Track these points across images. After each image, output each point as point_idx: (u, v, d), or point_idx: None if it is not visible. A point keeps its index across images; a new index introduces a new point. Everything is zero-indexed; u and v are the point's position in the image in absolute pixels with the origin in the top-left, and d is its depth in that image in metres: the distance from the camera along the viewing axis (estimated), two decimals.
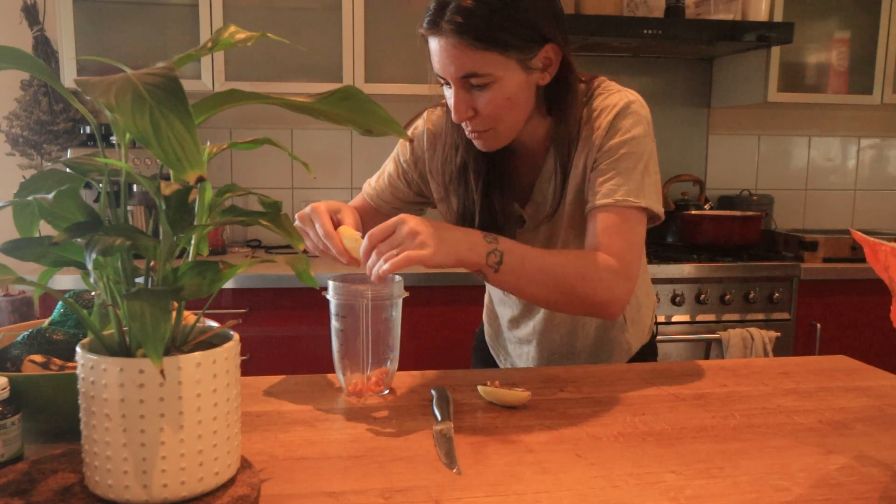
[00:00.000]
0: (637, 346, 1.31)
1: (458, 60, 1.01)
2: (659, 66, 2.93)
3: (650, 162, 1.09)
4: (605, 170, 1.08)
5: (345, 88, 0.69)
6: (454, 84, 1.04)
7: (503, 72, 1.02)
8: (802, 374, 1.12)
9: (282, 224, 0.72)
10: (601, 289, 1.03)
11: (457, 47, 1.00)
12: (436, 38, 1.02)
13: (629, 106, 1.09)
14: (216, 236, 2.54)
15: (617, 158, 1.07)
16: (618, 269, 1.03)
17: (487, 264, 0.98)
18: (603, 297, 1.03)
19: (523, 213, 1.19)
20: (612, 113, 1.09)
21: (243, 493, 0.67)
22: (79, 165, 0.65)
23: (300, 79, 2.45)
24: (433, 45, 1.03)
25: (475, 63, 1.00)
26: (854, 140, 3.13)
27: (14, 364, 0.83)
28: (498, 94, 1.03)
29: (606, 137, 1.09)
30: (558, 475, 0.75)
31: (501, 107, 1.04)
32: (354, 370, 0.99)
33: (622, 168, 1.07)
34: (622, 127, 1.08)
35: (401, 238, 0.93)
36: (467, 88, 1.04)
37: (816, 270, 2.45)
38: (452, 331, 2.24)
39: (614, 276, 1.03)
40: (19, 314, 2.23)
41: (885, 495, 0.71)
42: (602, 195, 1.07)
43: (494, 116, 1.05)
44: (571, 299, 1.04)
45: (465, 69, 1.01)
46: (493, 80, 1.02)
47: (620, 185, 1.06)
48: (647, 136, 1.09)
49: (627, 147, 1.07)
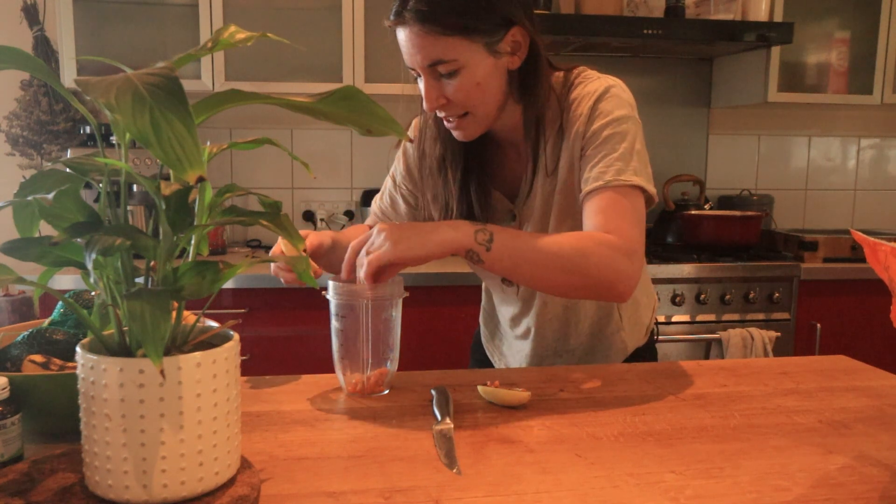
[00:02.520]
0: (633, 347, 1.31)
1: (424, 49, 1.01)
2: (659, 66, 2.93)
3: (636, 141, 1.07)
4: (592, 154, 1.07)
5: (345, 88, 0.69)
6: (423, 73, 1.05)
7: (469, 56, 1.02)
8: (802, 374, 1.12)
9: (282, 224, 0.72)
10: (604, 265, 0.98)
11: (420, 35, 1.00)
12: (401, 29, 1.03)
13: (608, 90, 1.08)
14: (216, 236, 2.54)
15: (601, 142, 1.06)
16: (619, 244, 0.99)
17: (477, 242, 0.96)
18: (608, 274, 0.98)
19: (513, 207, 1.18)
20: (591, 99, 1.08)
21: (243, 493, 0.67)
22: (79, 165, 0.65)
23: (300, 79, 2.45)
24: (400, 37, 1.04)
25: (440, 50, 1.01)
26: (854, 140, 3.14)
27: (14, 364, 0.83)
28: (467, 80, 1.04)
29: (588, 123, 1.08)
30: (558, 475, 0.75)
31: (471, 92, 1.05)
32: (354, 370, 0.99)
33: (608, 149, 1.05)
34: (602, 110, 1.07)
35: (376, 244, 0.95)
36: (436, 77, 1.04)
37: (816, 270, 2.45)
38: (452, 331, 2.24)
39: (616, 251, 0.99)
40: (19, 314, 2.23)
41: (885, 495, 0.71)
42: (592, 179, 1.05)
43: (465, 103, 1.06)
44: (575, 279, 0.98)
45: (431, 57, 1.02)
46: (459, 66, 1.02)
47: (609, 166, 1.04)
48: (630, 117, 1.07)
49: (610, 128, 1.06)
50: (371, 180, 2.81)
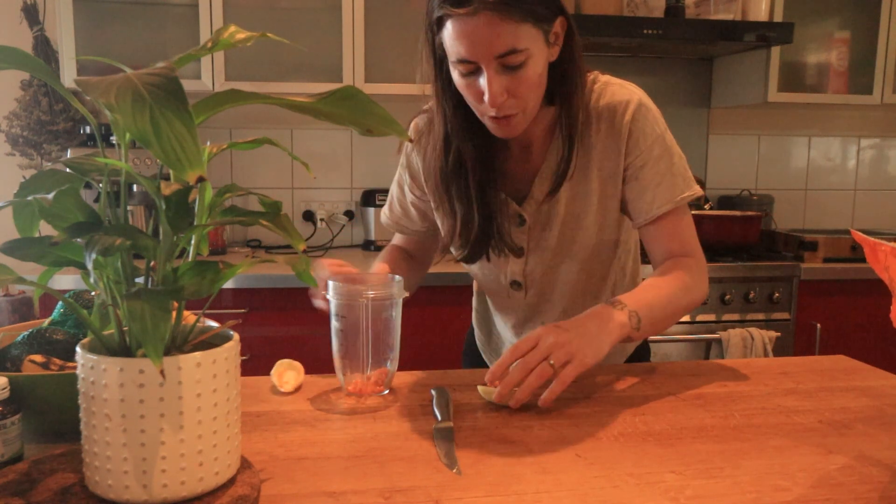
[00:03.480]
0: (632, 348, 1.31)
1: (498, 38, 0.93)
2: (659, 66, 2.93)
3: (676, 151, 1.12)
4: (650, 176, 1.09)
5: (345, 88, 0.69)
6: (487, 66, 0.96)
7: (536, 46, 0.97)
8: (802, 374, 1.11)
9: (282, 224, 0.72)
10: (699, 292, 1.11)
11: (494, 23, 0.92)
12: (464, 19, 0.93)
13: (641, 103, 1.09)
14: (216, 236, 2.54)
15: (655, 162, 1.09)
16: (699, 266, 1.12)
17: (632, 328, 1.00)
18: (701, 297, 1.11)
19: (520, 210, 1.15)
20: (627, 113, 1.08)
21: (243, 493, 0.67)
22: (79, 165, 0.65)
23: (300, 79, 2.45)
24: (460, 27, 0.94)
25: (514, 39, 0.94)
26: (854, 140, 3.14)
27: (14, 364, 0.83)
28: (532, 71, 0.98)
29: (631, 141, 1.08)
30: (558, 475, 0.75)
31: (534, 85, 1.00)
32: (354, 370, 0.99)
33: (663, 169, 1.09)
34: (646, 129, 1.08)
35: (548, 347, 0.92)
36: (502, 69, 0.97)
37: (816, 270, 2.45)
38: (453, 331, 2.24)
39: (701, 273, 1.12)
40: (19, 314, 2.23)
41: (885, 495, 0.71)
42: (660, 203, 1.10)
43: (527, 96, 1.00)
44: (682, 314, 1.10)
45: (505, 46, 0.94)
46: (528, 55, 0.96)
47: (671, 186, 1.10)
48: (666, 129, 1.12)
49: (659, 147, 1.09)
50: (371, 180, 2.81)
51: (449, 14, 0.95)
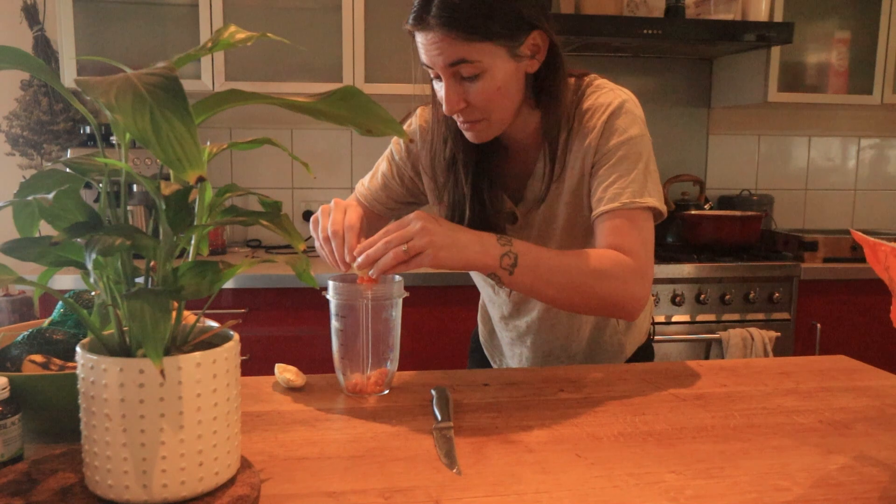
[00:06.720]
0: (632, 349, 1.31)
1: (447, 51, 1.00)
2: (659, 66, 2.93)
3: (649, 161, 1.09)
4: (607, 174, 1.07)
5: (345, 88, 0.69)
6: (444, 74, 1.03)
7: (492, 60, 1.01)
8: (802, 374, 1.12)
9: (282, 224, 0.72)
10: (619, 287, 1.02)
11: (444, 40, 0.99)
12: (422, 34, 1.02)
13: (623, 105, 1.09)
14: (216, 236, 2.54)
15: (616, 161, 1.07)
16: (634, 266, 1.03)
17: (501, 266, 0.97)
18: (622, 295, 1.02)
19: (515, 209, 1.18)
20: (605, 113, 1.08)
21: (243, 493, 0.67)
22: (79, 165, 0.65)
23: (300, 79, 2.45)
24: (420, 39, 1.03)
25: (464, 51, 1.00)
26: (854, 140, 3.14)
27: (14, 364, 0.83)
28: (489, 84, 1.02)
29: (602, 139, 1.08)
30: (558, 475, 0.75)
31: (492, 96, 1.04)
32: (354, 370, 0.99)
33: (623, 170, 1.07)
34: (618, 128, 1.07)
35: (412, 232, 0.93)
36: (458, 79, 1.03)
37: (816, 270, 2.45)
38: (453, 331, 2.24)
39: (631, 273, 1.02)
40: (19, 314, 2.23)
41: (885, 495, 0.71)
42: (608, 200, 1.06)
43: (485, 107, 1.05)
44: (589, 300, 1.02)
45: (452, 57, 1.00)
46: (482, 69, 1.01)
47: (624, 187, 1.06)
48: (643, 136, 1.09)
49: (625, 148, 1.07)
50: None
51: (410, 30, 1.05)
